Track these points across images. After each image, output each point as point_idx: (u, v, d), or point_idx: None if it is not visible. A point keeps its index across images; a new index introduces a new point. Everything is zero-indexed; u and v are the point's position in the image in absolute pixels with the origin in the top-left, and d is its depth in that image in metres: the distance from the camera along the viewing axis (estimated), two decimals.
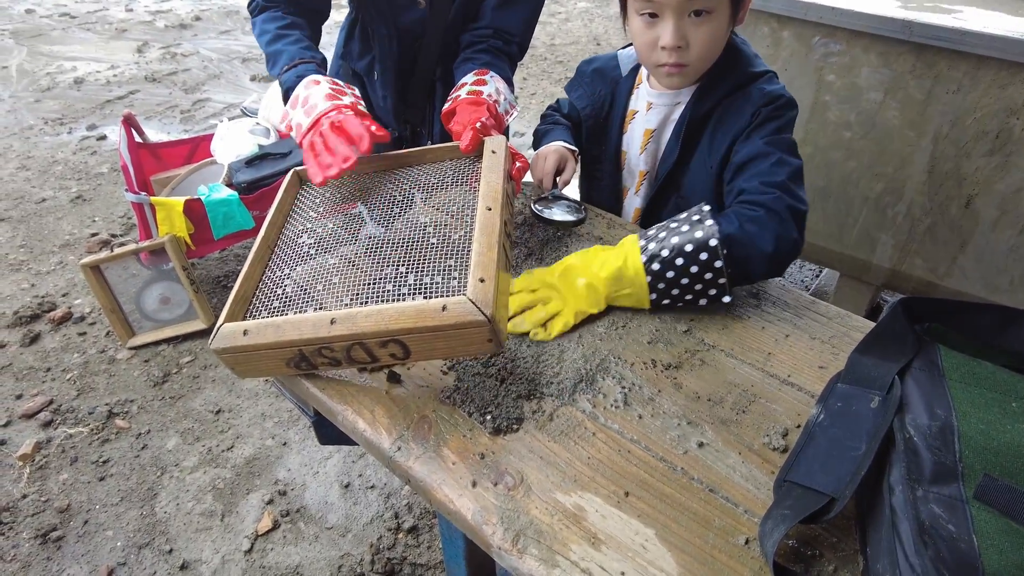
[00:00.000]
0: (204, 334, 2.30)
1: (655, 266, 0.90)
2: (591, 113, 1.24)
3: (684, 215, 0.94)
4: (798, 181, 0.99)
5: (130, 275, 2.46)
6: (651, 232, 0.94)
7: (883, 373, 0.71)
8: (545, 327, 0.91)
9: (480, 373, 0.83)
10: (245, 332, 0.75)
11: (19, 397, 2.10)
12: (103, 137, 3.77)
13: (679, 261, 0.89)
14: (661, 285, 0.90)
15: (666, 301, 0.93)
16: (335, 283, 0.83)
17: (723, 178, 1.08)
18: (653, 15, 1.01)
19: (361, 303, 0.79)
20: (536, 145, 1.30)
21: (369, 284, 0.81)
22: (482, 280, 0.71)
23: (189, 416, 2.01)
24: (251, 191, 2.26)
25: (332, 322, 0.72)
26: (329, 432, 0.88)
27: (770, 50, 1.93)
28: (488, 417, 0.77)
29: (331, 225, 0.93)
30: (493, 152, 0.93)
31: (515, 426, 0.77)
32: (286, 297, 0.82)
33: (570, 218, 1.13)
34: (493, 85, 1.18)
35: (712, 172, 1.10)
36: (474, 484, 0.71)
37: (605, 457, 0.74)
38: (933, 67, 1.69)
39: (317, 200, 0.99)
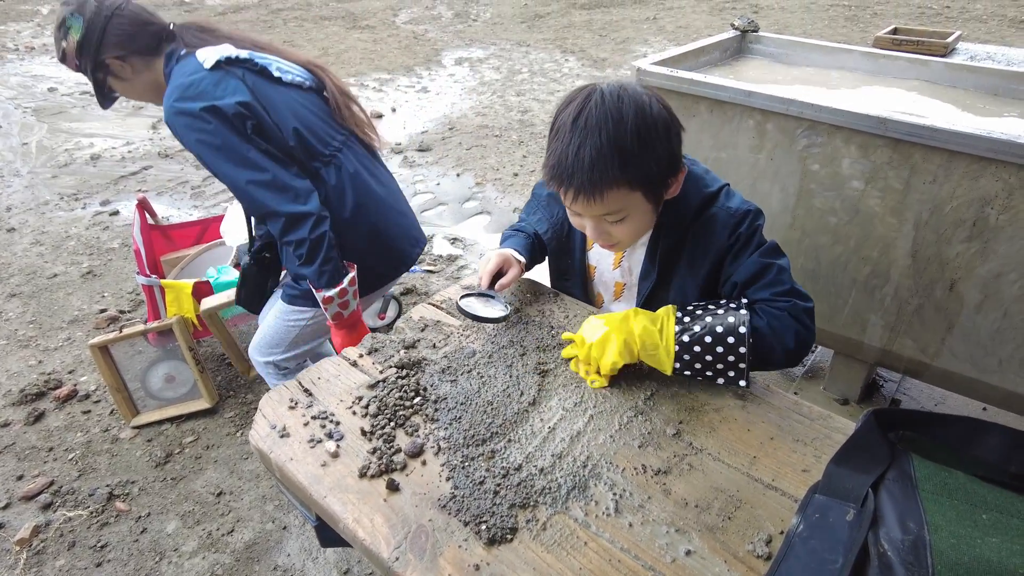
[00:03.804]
0: (208, 413, 2.33)
1: (685, 338, 1.02)
2: (553, 235, 1.31)
3: (723, 302, 1.07)
4: (794, 280, 1.10)
5: (136, 352, 2.52)
6: (689, 307, 1.07)
7: (858, 485, 0.75)
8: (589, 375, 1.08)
9: (476, 481, 0.87)
10: None
11: (20, 478, 2.11)
12: (116, 213, 3.89)
13: (707, 339, 1.01)
14: (686, 356, 1.02)
15: (687, 372, 1.04)
16: None
17: (718, 291, 1.16)
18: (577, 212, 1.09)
19: None
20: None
21: None
22: None
23: (190, 498, 2.02)
24: None
25: None
26: (330, 536, 0.91)
27: (755, 140, 2.04)
28: (483, 527, 0.80)
29: None
30: None
31: (509, 536, 0.80)
32: None
33: (493, 315, 1.17)
34: None
35: (697, 286, 1.16)
36: None
37: (596, 567, 0.77)
38: (909, 159, 1.78)
39: None
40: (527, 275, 1.38)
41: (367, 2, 9.90)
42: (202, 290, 2.22)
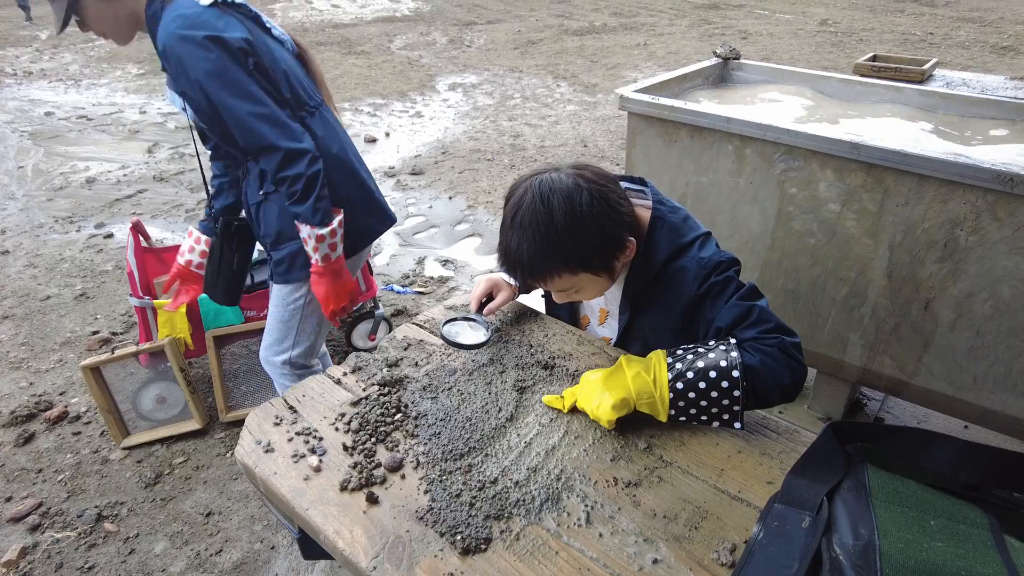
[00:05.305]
0: (198, 434, 2.35)
1: (679, 385, 0.99)
2: None
3: (712, 343, 1.04)
4: (778, 318, 1.09)
5: (128, 373, 2.53)
6: (679, 352, 1.04)
7: (814, 494, 0.78)
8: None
9: (453, 494, 0.90)
10: None
11: (8, 500, 2.11)
12: (110, 235, 3.93)
13: (701, 384, 0.99)
14: (681, 403, 1.00)
15: (683, 418, 1.02)
16: None
17: (698, 338, 1.16)
18: None
19: None
20: None
21: None
22: None
23: (179, 519, 2.03)
24: (249, 292, 2.37)
25: None
26: (312, 548, 0.93)
27: (735, 165, 2.10)
28: (459, 538, 0.83)
29: None
30: None
31: (483, 546, 0.83)
32: None
33: (471, 342, 1.22)
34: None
35: (670, 329, 1.19)
36: None
37: (566, 575, 0.80)
38: (882, 183, 1.84)
39: None
40: (523, 299, 1.43)
41: (362, 28, 10.08)
42: (193, 309, 2.25)
